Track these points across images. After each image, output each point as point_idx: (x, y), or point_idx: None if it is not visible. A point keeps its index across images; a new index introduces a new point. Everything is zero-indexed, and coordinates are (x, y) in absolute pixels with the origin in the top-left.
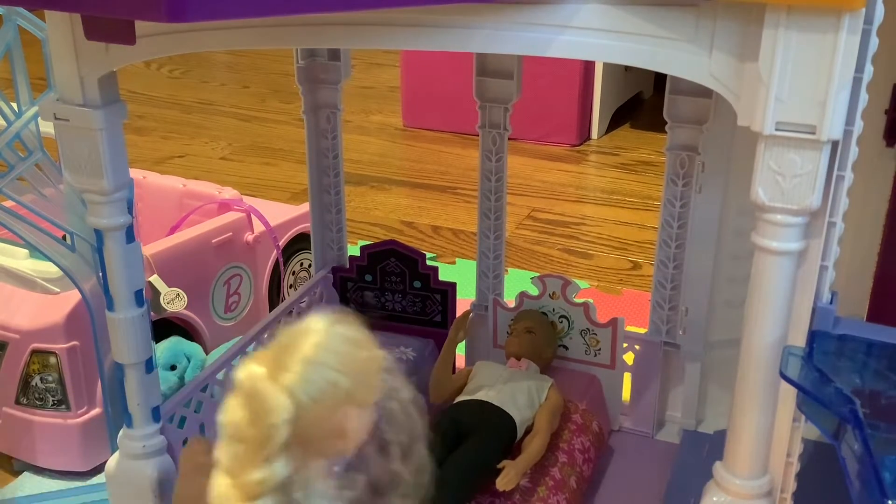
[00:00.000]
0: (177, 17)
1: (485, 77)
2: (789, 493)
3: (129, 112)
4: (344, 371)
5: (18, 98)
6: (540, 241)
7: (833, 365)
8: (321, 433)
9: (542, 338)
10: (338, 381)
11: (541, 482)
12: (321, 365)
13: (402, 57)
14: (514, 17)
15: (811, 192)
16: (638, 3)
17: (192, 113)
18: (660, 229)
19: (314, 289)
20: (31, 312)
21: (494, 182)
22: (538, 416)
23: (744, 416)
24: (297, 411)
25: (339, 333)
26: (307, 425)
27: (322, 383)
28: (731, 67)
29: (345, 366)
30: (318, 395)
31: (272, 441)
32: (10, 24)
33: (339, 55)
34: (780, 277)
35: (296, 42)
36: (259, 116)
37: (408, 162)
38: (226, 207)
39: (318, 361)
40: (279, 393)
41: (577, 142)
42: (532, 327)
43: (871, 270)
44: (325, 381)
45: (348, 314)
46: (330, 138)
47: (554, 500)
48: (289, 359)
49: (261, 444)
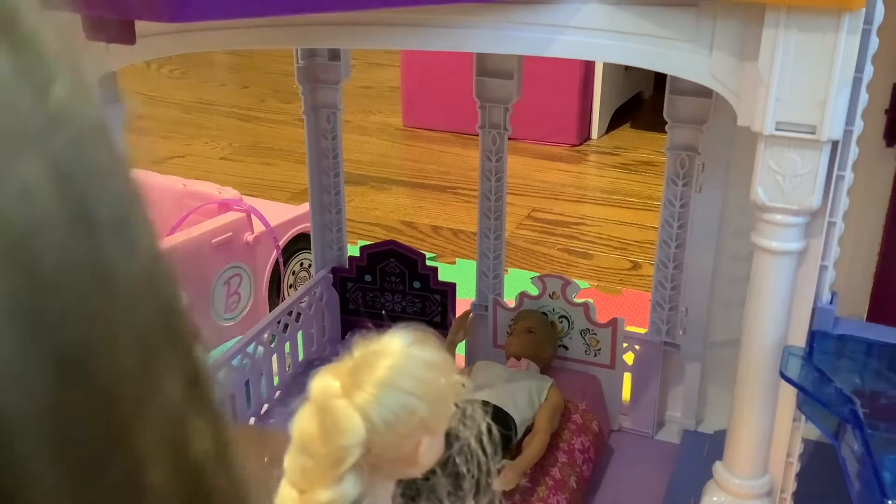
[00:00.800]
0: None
1: (485, 77)
2: (789, 493)
3: (129, 112)
4: (419, 396)
5: None
6: (540, 241)
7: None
8: (392, 457)
9: (541, 338)
10: (412, 407)
11: (541, 482)
12: (397, 389)
13: (402, 57)
14: (514, 17)
15: (811, 192)
16: (638, 3)
17: (192, 113)
18: (660, 229)
19: (314, 289)
20: None
21: (494, 182)
22: (538, 417)
23: (744, 416)
24: (369, 435)
25: (417, 356)
26: (378, 449)
27: (396, 408)
28: (731, 67)
29: (420, 391)
30: (392, 419)
31: (343, 462)
32: None
33: (339, 55)
34: (780, 277)
35: (296, 42)
36: (259, 116)
37: (408, 162)
38: (226, 207)
39: (393, 385)
40: (352, 414)
41: (577, 142)
42: (532, 327)
43: (871, 270)
44: (400, 405)
45: (429, 334)
46: (330, 138)
47: (554, 500)
48: (365, 377)
49: (331, 463)
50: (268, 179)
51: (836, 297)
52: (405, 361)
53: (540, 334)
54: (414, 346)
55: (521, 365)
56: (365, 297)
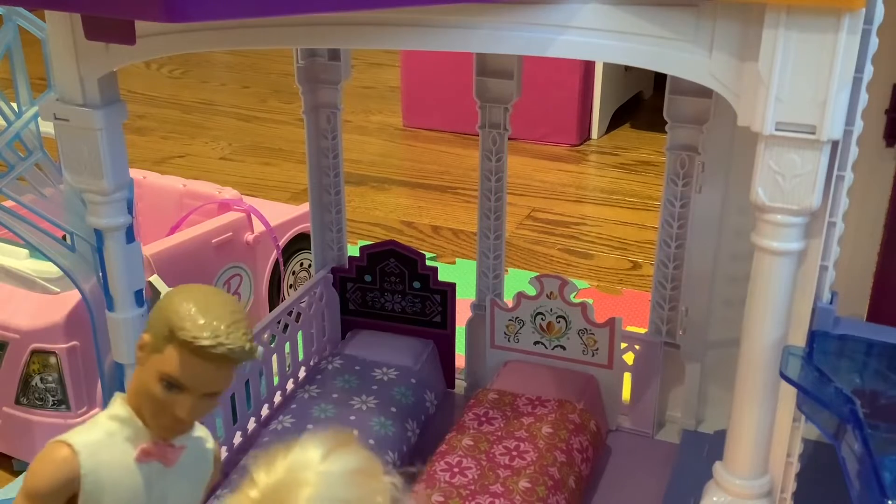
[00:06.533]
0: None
1: (485, 77)
2: (789, 493)
3: (129, 112)
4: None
5: (18, 98)
6: (540, 241)
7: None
8: None
9: None
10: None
11: (540, 482)
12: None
13: (402, 57)
14: (514, 17)
15: (811, 192)
16: (638, 3)
17: (192, 113)
18: (660, 229)
19: (314, 289)
20: (31, 312)
21: (494, 182)
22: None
23: (744, 416)
24: None
25: (337, 473)
26: None
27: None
28: (731, 67)
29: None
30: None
31: None
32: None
33: (339, 55)
34: (780, 277)
35: (296, 42)
36: (259, 116)
37: (408, 162)
38: (226, 207)
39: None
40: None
41: (577, 142)
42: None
43: (871, 270)
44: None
45: (342, 433)
46: (330, 138)
47: (553, 500)
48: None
49: None
50: (268, 179)
51: (836, 297)
52: (326, 486)
53: None
54: (330, 461)
55: None
56: (365, 297)
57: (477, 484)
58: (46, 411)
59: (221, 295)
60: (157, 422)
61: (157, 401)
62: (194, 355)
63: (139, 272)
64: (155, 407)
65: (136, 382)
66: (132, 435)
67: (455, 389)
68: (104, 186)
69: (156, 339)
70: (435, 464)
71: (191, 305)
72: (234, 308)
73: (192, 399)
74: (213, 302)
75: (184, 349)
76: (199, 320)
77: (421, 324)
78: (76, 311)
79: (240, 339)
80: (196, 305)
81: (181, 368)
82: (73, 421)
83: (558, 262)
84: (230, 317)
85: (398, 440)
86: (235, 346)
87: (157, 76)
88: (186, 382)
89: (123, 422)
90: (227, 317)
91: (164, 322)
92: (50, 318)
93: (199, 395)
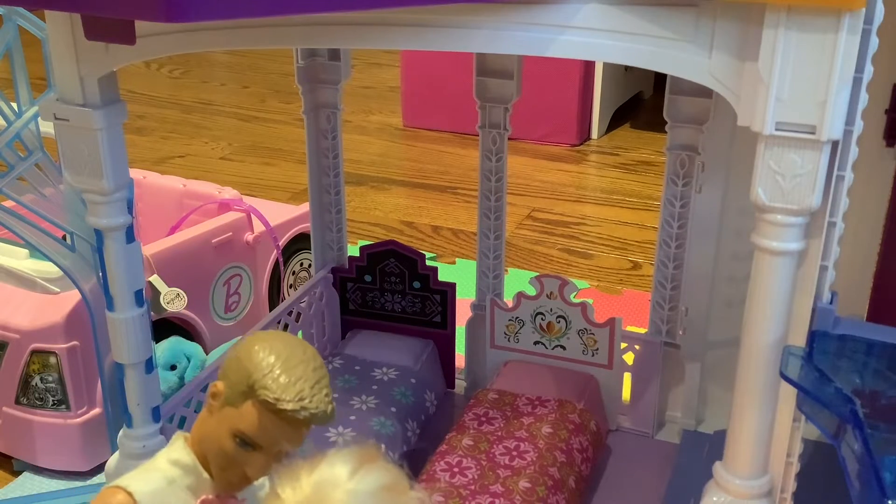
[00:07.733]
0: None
1: (485, 77)
2: (789, 493)
3: (129, 112)
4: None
5: (18, 98)
6: (540, 241)
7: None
8: None
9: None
10: None
11: (540, 482)
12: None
13: (402, 57)
14: (514, 17)
15: (811, 192)
16: (638, 3)
17: (192, 113)
18: (660, 229)
19: (314, 289)
20: (31, 312)
21: (494, 182)
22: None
23: (744, 416)
24: None
25: (366, 491)
26: None
27: None
28: (731, 67)
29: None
30: None
31: None
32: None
33: (339, 55)
34: (780, 277)
35: (296, 42)
36: (259, 116)
37: (408, 162)
38: (226, 207)
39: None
40: None
41: (577, 142)
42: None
43: (871, 270)
44: None
45: (369, 448)
46: (330, 138)
47: (553, 500)
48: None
49: None
50: (268, 179)
51: (836, 297)
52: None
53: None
54: (358, 478)
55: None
56: (365, 297)
57: (477, 484)
58: (46, 411)
59: (302, 346)
60: (223, 475)
61: (228, 456)
62: (275, 416)
63: (139, 272)
64: (224, 462)
65: (203, 430)
66: (194, 484)
67: (455, 389)
68: (104, 186)
69: (232, 392)
70: (435, 464)
71: (272, 359)
72: (317, 364)
73: (265, 458)
74: (295, 357)
75: (264, 409)
76: (282, 379)
77: (421, 324)
78: (76, 311)
79: (322, 403)
80: (278, 360)
81: (259, 429)
82: (73, 421)
83: (558, 262)
84: (313, 376)
85: (398, 440)
86: (318, 411)
87: (157, 76)
88: (262, 442)
89: (186, 469)
90: (311, 376)
91: (243, 375)
92: (50, 318)
93: (272, 453)
